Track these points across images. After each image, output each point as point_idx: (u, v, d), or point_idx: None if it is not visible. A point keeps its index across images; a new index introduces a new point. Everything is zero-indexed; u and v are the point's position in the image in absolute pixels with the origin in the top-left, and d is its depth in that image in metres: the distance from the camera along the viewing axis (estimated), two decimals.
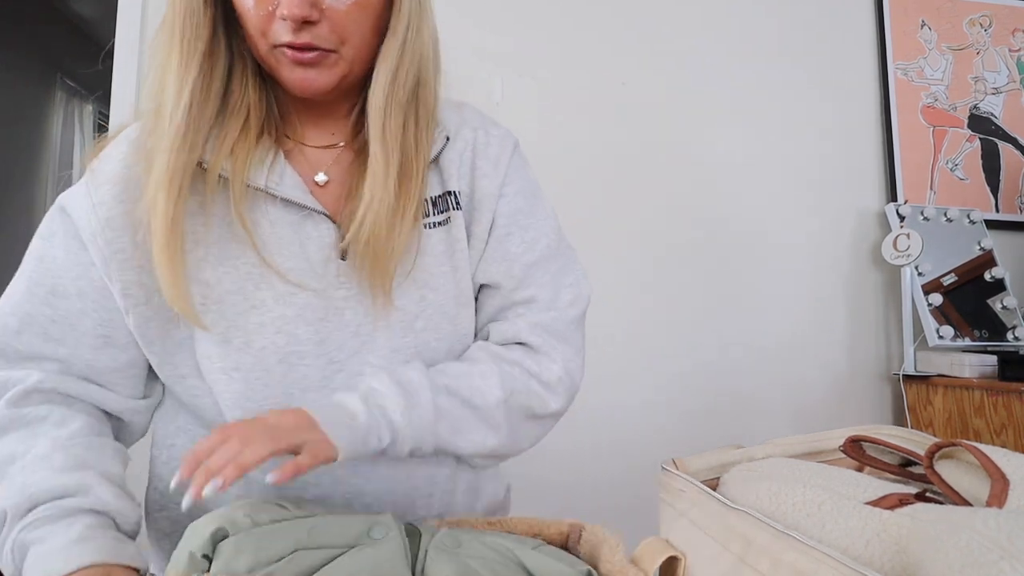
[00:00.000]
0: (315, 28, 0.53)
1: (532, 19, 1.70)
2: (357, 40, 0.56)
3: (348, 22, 0.54)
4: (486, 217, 0.66)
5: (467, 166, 0.66)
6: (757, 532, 0.47)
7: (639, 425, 1.66)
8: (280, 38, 0.53)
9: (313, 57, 0.54)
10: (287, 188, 0.59)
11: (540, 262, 0.69)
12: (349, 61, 0.57)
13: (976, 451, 0.51)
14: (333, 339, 0.60)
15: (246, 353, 0.58)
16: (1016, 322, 1.77)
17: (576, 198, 1.68)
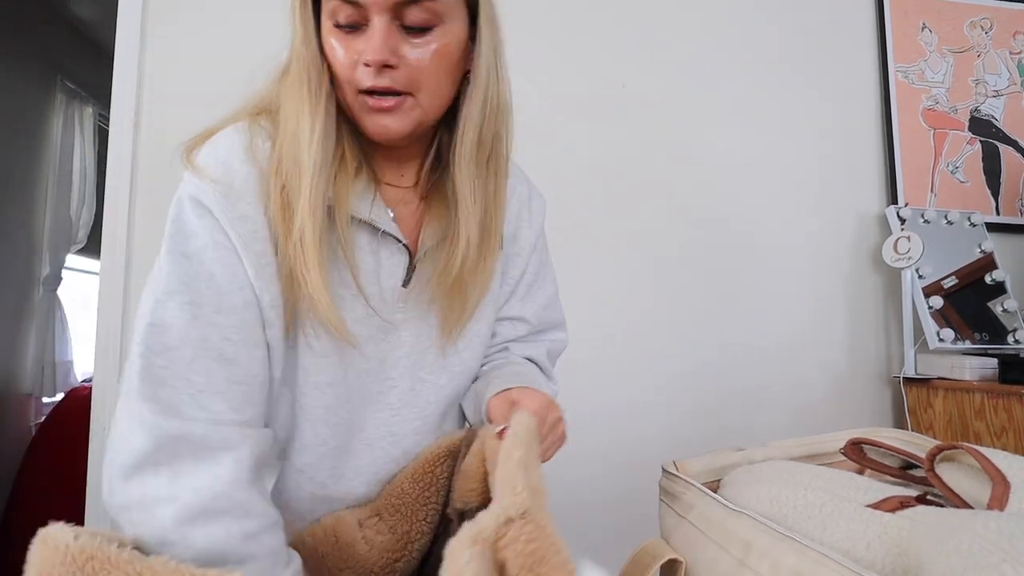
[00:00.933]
0: (394, 73, 0.57)
1: (533, 23, 1.70)
2: (433, 87, 0.60)
3: (425, 69, 0.58)
4: (522, 262, 0.77)
5: (514, 215, 0.75)
6: (758, 534, 0.47)
7: (639, 426, 1.66)
8: (363, 83, 0.57)
9: (391, 104, 0.58)
10: (383, 221, 0.63)
11: (552, 304, 0.84)
12: (425, 108, 0.61)
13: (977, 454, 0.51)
14: (390, 358, 0.65)
15: (338, 368, 0.62)
16: (1017, 325, 1.77)
17: (577, 199, 1.68)
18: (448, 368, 0.69)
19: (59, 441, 2.24)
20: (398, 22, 0.56)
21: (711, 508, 0.54)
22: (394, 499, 0.60)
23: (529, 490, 0.39)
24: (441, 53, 0.59)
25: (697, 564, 0.53)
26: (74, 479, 1.49)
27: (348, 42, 0.57)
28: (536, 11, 1.70)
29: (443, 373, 0.69)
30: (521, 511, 0.37)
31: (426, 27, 0.57)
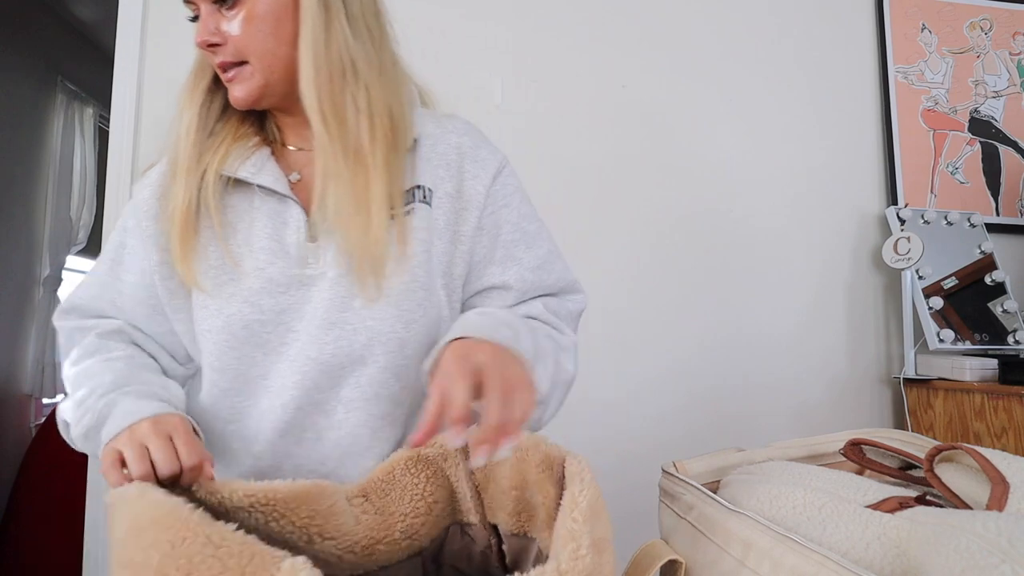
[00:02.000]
0: (223, 49, 0.65)
1: (533, 22, 1.70)
2: (259, 50, 0.65)
3: (246, 36, 0.64)
4: (473, 217, 0.73)
5: (452, 168, 0.73)
6: (758, 535, 0.47)
7: (638, 427, 1.66)
8: (214, 63, 0.67)
9: (232, 75, 0.66)
10: (265, 179, 0.68)
11: (547, 265, 0.77)
12: (262, 71, 0.66)
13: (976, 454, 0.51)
14: (293, 311, 0.67)
15: (217, 318, 0.66)
16: (1017, 325, 1.77)
17: (576, 200, 1.68)
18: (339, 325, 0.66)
19: (59, 441, 2.23)
20: (217, 4, 0.64)
21: (711, 509, 0.54)
22: (383, 483, 0.58)
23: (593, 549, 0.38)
24: (249, 19, 0.64)
25: (697, 565, 0.53)
26: (74, 480, 1.49)
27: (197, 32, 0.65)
28: (536, 11, 1.70)
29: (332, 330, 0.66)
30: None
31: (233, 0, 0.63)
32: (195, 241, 0.67)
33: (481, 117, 1.61)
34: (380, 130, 0.66)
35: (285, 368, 0.67)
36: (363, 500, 0.57)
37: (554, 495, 0.51)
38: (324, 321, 0.66)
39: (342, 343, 0.66)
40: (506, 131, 1.64)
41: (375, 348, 0.67)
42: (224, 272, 0.66)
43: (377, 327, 0.66)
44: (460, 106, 1.59)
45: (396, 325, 0.67)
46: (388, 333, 0.67)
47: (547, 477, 0.52)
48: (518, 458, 0.54)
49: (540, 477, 0.52)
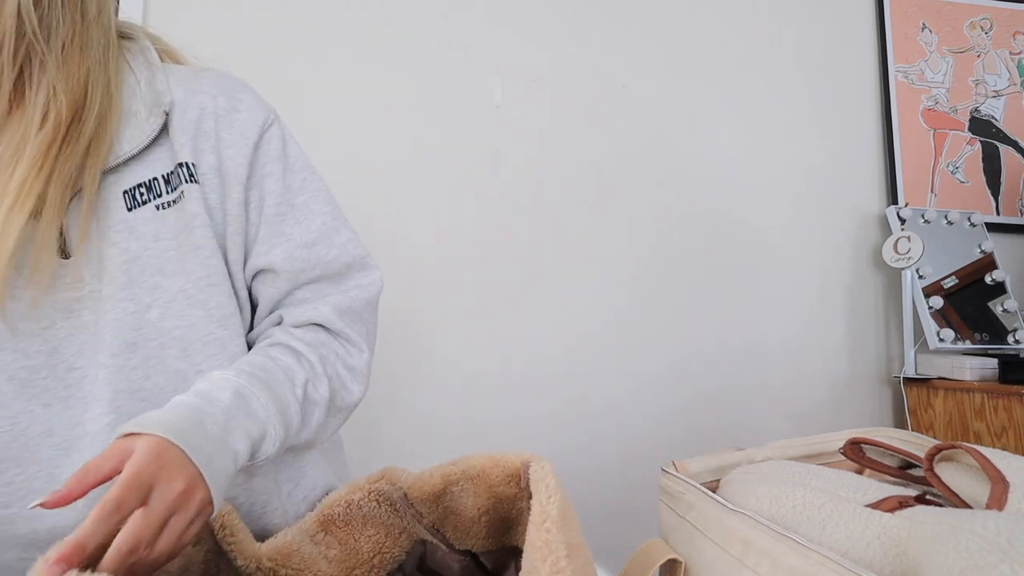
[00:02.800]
0: None
1: (532, 22, 1.70)
2: None
3: None
4: (237, 191, 0.61)
5: (209, 137, 0.60)
6: (757, 534, 0.47)
7: (638, 427, 1.66)
8: None
9: None
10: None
11: (324, 239, 0.65)
12: None
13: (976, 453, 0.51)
14: (69, 345, 0.55)
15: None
16: (1017, 325, 1.77)
17: (576, 200, 1.68)
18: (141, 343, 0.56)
19: None
20: None
21: (710, 508, 0.54)
22: (343, 513, 0.54)
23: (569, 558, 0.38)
24: None
25: (696, 564, 0.53)
26: None
27: None
28: (536, 11, 1.70)
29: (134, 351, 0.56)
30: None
31: None
32: None
33: (481, 118, 1.62)
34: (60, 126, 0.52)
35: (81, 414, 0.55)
36: (324, 535, 0.54)
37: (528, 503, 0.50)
38: (120, 345, 0.55)
39: (153, 362, 0.56)
40: (506, 132, 1.64)
41: (194, 357, 0.58)
42: None
43: (187, 333, 0.58)
44: (460, 106, 1.60)
45: (209, 325, 0.58)
46: (203, 336, 0.58)
47: (516, 490, 0.51)
48: (476, 483, 0.51)
49: (511, 491, 0.51)
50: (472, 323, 1.56)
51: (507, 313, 1.59)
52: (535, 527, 0.39)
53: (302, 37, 1.48)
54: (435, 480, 0.52)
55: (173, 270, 0.57)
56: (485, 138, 1.61)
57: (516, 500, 0.51)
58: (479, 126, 1.62)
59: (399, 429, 1.50)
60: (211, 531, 0.51)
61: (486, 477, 0.51)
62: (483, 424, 1.53)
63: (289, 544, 0.52)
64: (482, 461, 0.51)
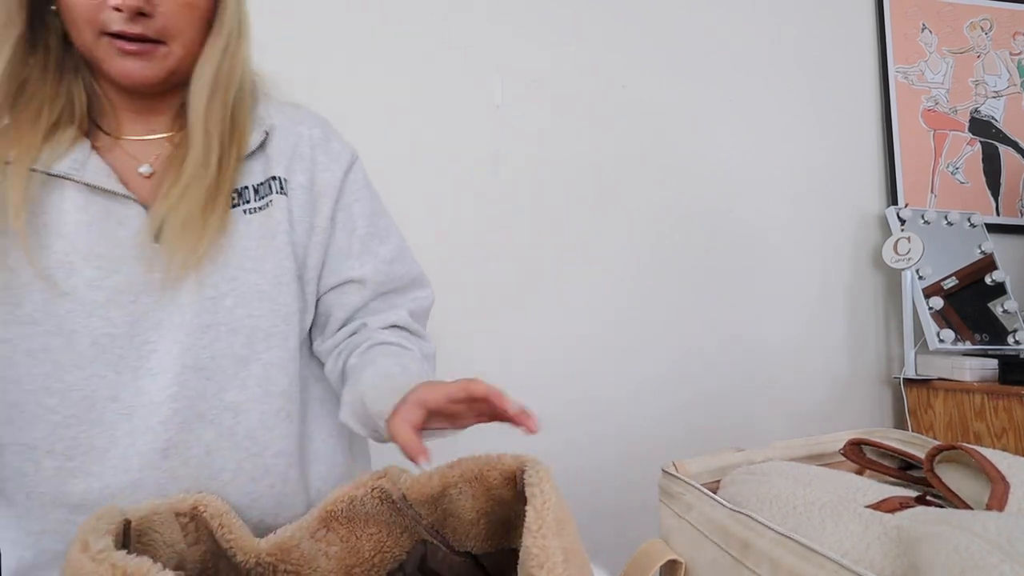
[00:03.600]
0: (149, 21, 0.57)
1: (532, 22, 1.70)
2: (187, 37, 0.60)
3: (180, 19, 0.59)
4: (327, 208, 0.72)
5: (304, 160, 0.71)
6: (757, 535, 0.47)
7: (638, 428, 1.66)
8: (111, 26, 0.56)
9: (143, 48, 0.58)
10: (90, 175, 0.60)
11: (400, 258, 0.78)
12: (178, 57, 0.61)
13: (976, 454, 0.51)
14: (147, 320, 0.61)
15: (56, 336, 0.58)
16: (1017, 326, 1.77)
17: (576, 199, 1.68)
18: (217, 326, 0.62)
19: None
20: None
21: (711, 508, 0.54)
22: (345, 510, 0.54)
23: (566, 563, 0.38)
24: (193, 5, 0.59)
25: (697, 565, 0.53)
26: None
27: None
28: (536, 11, 1.70)
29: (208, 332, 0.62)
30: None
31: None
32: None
33: (481, 118, 1.62)
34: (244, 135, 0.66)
35: (148, 384, 0.60)
36: (325, 531, 0.54)
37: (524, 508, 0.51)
38: (196, 325, 0.61)
39: (220, 345, 0.62)
40: (506, 131, 1.64)
41: (257, 345, 0.64)
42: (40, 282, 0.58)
43: (255, 323, 0.64)
44: (460, 106, 1.60)
45: (275, 319, 0.66)
46: (268, 328, 0.65)
47: (513, 492, 0.51)
48: (474, 486, 0.52)
49: (509, 494, 0.51)
50: (472, 323, 1.56)
51: (507, 313, 1.59)
52: (530, 535, 0.39)
53: (302, 37, 1.48)
54: (433, 483, 0.52)
55: (251, 267, 0.64)
56: (485, 138, 1.61)
57: (514, 503, 0.51)
58: (479, 126, 1.61)
59: None
60: (210, 531, 0.51)
61: (484, 480, 0.51)
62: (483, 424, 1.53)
63: (289, 540, 0.52)
64: (479, 464, 0.52)
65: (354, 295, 0.73)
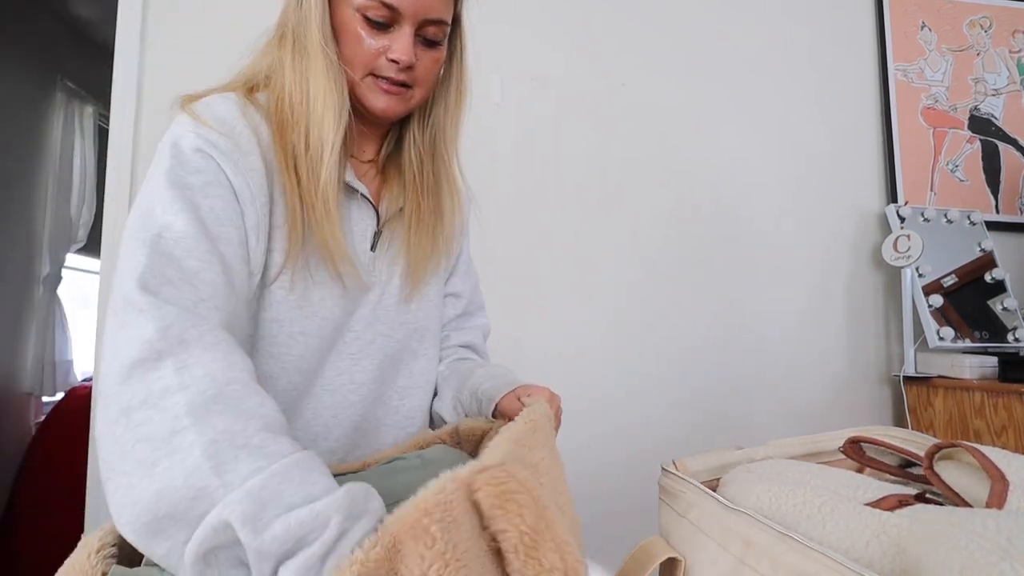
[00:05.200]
0: (411, 72, 0.70)
1: (532, 20, 1.70)
2: (428, 85, 0.73)
3: (428, 70, 0.71)
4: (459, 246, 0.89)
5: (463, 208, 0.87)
6: (757, 533, 0.47)
7: (638, 425, 1.66)
8: (384, 72, 0.68)
9: (401, 91, 0.70)
10: (363, 187, 0.73)
11: (478, 288, 0.95)
12: (418, 99, 0.73)
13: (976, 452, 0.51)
14: (356, 312, 0.73)
15: (313, 320, 0.68)
16: (1016, 323, 1.77)
17: (575, 199, 1.68)
18: (404, 324, 0.78)
19: (59, 440, 2.24)
20: (420, 35, 0.69)
21: (710, 507, 0.54)
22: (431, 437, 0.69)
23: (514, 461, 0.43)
24: (437, 60, 0.72)
25: (696, 563, 0.53)
26: (74, 478, 1.49)
27: (375, 36, 0.67)
28: (537, 10, 1.70)
29: (400, 328, 0.77)
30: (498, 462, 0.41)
31: (437, 42, 0.71)
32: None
33: (481, 116, 1.62)
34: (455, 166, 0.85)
35: (348, 366, 0.72)
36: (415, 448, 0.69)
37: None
38: (389, 320, 0.75)
39: (400, 336, 0.77)
40: (506, 131, 1.64)
41: (425, 341, 0.80)
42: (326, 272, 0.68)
43: (424, 323, 0.80)
44: None
45: (435, 322, 0.82)
46: (432, 329, 0.82)
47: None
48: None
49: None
50: None
51: (507, 313, 1.59)
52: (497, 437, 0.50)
53: None
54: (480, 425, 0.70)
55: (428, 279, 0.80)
56: (485, 137, 1.61)
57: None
58: (479, 125, 1.61)
59: None
60: None
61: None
62: None
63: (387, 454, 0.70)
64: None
65: (451, 307, 0.89)
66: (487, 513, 0.39)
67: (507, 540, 0.39)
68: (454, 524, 0.37)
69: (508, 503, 0.39)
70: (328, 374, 0.71)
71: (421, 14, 0.67)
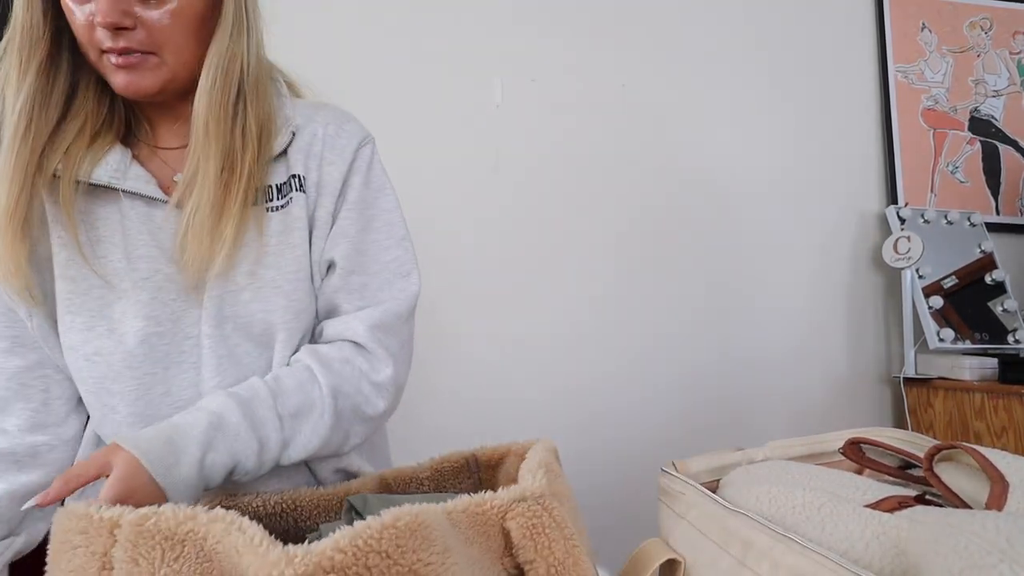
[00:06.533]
0: (131, 34, 0.59)
1: (532, 21, 1.70)
2: (176, 46, 0.62)
3: (163, 28, 0.60)
4: (329, 201, 0.72)
5: (316, 157, 0.72)
6: (757, 534, 0.47)
7: (638, 426, 1.66)
8: (103, 44, 0.59)
9: (133, 60, 0.60)
10: (131, 182, 0.64)
11: (372, 250, 0.73)
12: (171, 65, 0.62)
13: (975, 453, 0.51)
14: (188, 317, 0.65)
15: (108, 339, 0.63)
16: (1016, 325, 1.77)
17: (575, 199, 1.68)
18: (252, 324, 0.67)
19: None
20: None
21: (710, 508, 0.54)
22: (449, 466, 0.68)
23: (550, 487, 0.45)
24: (178, 13, 0.60)
25: (696, 564, 0.53)
26: None
27: (81, 3, 0.58)
28: (536, 11, 1.70)
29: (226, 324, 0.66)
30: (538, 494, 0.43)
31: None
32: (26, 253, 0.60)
33: (481, 117, 1.62)
34: (256, 138, 0.66)
35: (193, 377, 0.65)
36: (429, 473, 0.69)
37: None
38: (219, 318, 0.65)
39: (241, 335, 0.66)
40: (506, 131, 1.64)
41: (273, 339, 0.68)
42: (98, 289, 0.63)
43: (269, 318, 0.67)
44: (460, 106, 1.60)
45: (287, 315, 0.68)
46: (280, 324, 0.67)
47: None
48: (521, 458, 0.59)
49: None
50: (471, 322, 1.56)
51: (507, 312, 1.59)
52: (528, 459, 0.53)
53: (301, 37, 1.48)
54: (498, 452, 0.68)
55: (268, 263, 0.67)
56: (485, 138, 1.61)
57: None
58: (479, 126, 1.61)
59: (401, 431, 1.49)
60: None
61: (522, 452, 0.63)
62: (482, 426, 1.53)
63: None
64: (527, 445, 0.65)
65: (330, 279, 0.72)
66: (517, 543, 0.42)
67: (534, 571, 0.42)
68: None
69: (538, 536, 0.42)
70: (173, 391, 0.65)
71: None
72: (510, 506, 0.43)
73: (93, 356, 0.63)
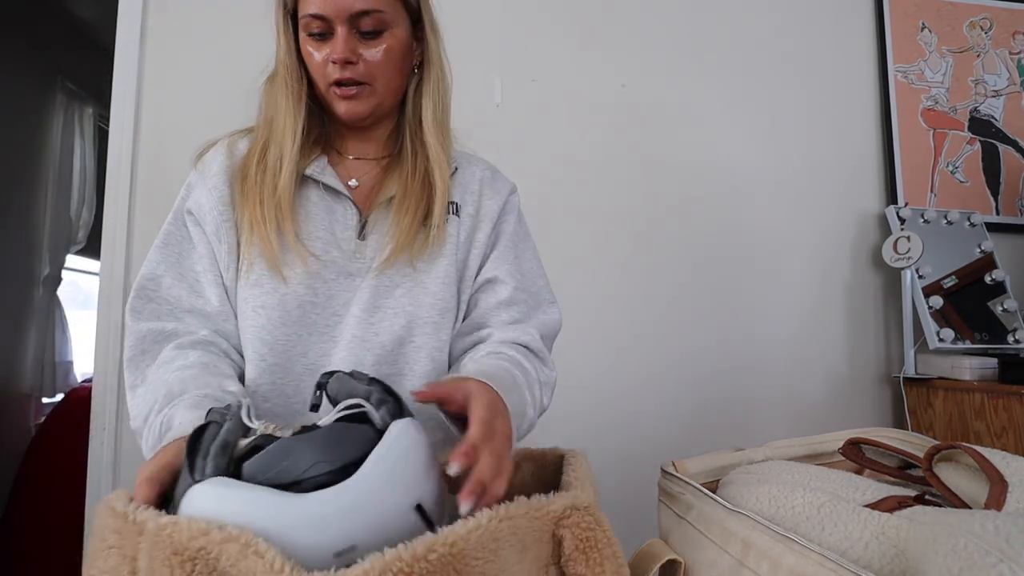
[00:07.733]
0: (355, 67, 0.76)
1: (532, 21, 1.70)
2: (385, 78, 0.79)
3: (378, 63, 0.77)
4: (487, 227, 0.87)
5: (474, 193, 0.88)
6: (757, 535, 0.47)
7: (638, 426, 1.66)
8: (332, 76, 0.76)
9: (352, 92, 0.77)
10: (329, 179, 0.80)
11: (532, 274, 0.91)
12: (380, 94, 0.79)
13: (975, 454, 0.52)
14: (340, 298, 0.77)
15: (273, 296, 0.75)
16: (1016, 325, 1.77)
17: (576, 199, 1.68)
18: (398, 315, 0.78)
19: (59, 441, 2.24)
20: (355, 30, 0.75)
21: (710, 508, 0.54)
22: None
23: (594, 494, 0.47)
24: (388, 51, 0.77)
25: (696, 564, 0.54)
26: (74, 479, 1.49)
27: (320, 47, 0.76)
28: (535, 10, 1.70)
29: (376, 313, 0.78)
30: (586, 504, 0.45)
31: (376, 32, 0.76)
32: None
33: (481, 117, 1.62)
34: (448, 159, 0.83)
35: (329, 348, 0.76)
36: None
37: None
38: (369, 306, 0.76)
39: (385, 324, 0.77)
40: (506, 131, 1.64)
41: (414, 331, 0.78)
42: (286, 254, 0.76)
43: (416, 312, 0.78)
44: (460, 106, 1.59)
45: (432, 312, 0.79)
46: (425, 318, 0.79)
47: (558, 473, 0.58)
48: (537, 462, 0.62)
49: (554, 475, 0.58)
50: None
51: None
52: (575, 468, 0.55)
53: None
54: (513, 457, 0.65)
55: (421, 266, 0.80)
56: (485, 137, 1.61)
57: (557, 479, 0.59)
58: (479, 125, 1.61)
59: None
60: None
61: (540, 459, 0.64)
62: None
63: None
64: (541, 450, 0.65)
65: (491, 295, 0.86)
66: (568, 554, 0.43)
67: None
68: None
69: (591, 550, 0.44)
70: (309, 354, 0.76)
71: (345, 10, 0.73)
72: (564, 512, 0.44)
73: (259, 308, 0.75)
